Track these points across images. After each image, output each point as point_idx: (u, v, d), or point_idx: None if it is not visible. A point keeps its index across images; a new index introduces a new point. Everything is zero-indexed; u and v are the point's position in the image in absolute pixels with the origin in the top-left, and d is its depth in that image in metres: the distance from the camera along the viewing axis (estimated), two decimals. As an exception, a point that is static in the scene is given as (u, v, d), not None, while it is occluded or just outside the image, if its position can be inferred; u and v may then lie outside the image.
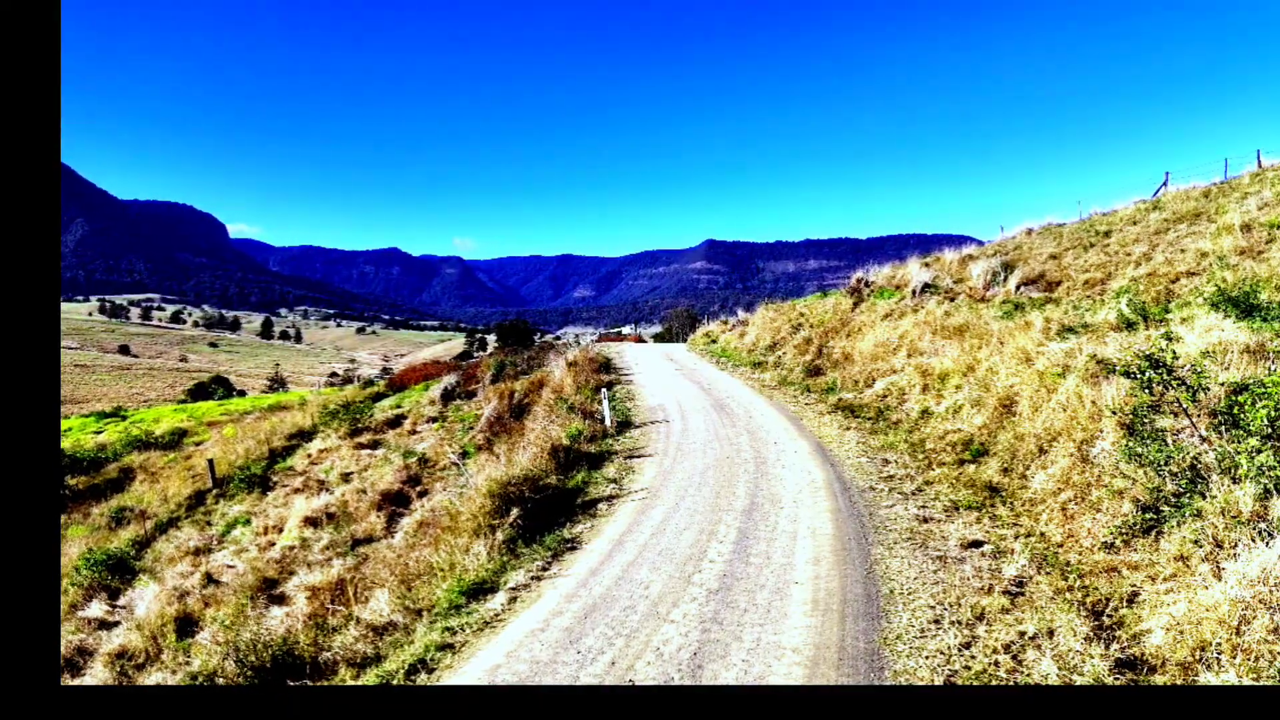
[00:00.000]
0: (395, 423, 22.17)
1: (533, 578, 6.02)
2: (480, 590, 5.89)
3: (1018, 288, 17.68)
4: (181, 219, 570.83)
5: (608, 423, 12.39)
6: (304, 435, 22.28)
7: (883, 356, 15.52)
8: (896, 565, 5.62)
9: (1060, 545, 5.99)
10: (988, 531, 6.44)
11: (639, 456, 10.40)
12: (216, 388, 70.69)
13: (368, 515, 13.45)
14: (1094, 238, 19.80)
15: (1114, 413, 6.94)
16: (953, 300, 18.31)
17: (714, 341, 28.72)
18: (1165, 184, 25.36)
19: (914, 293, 20.07)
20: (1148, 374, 5.48)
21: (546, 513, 7.70)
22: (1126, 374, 5.80)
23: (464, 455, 17.78)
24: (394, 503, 14.29)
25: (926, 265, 22.68)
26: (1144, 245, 17.34)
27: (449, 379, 24.78)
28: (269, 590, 10.59)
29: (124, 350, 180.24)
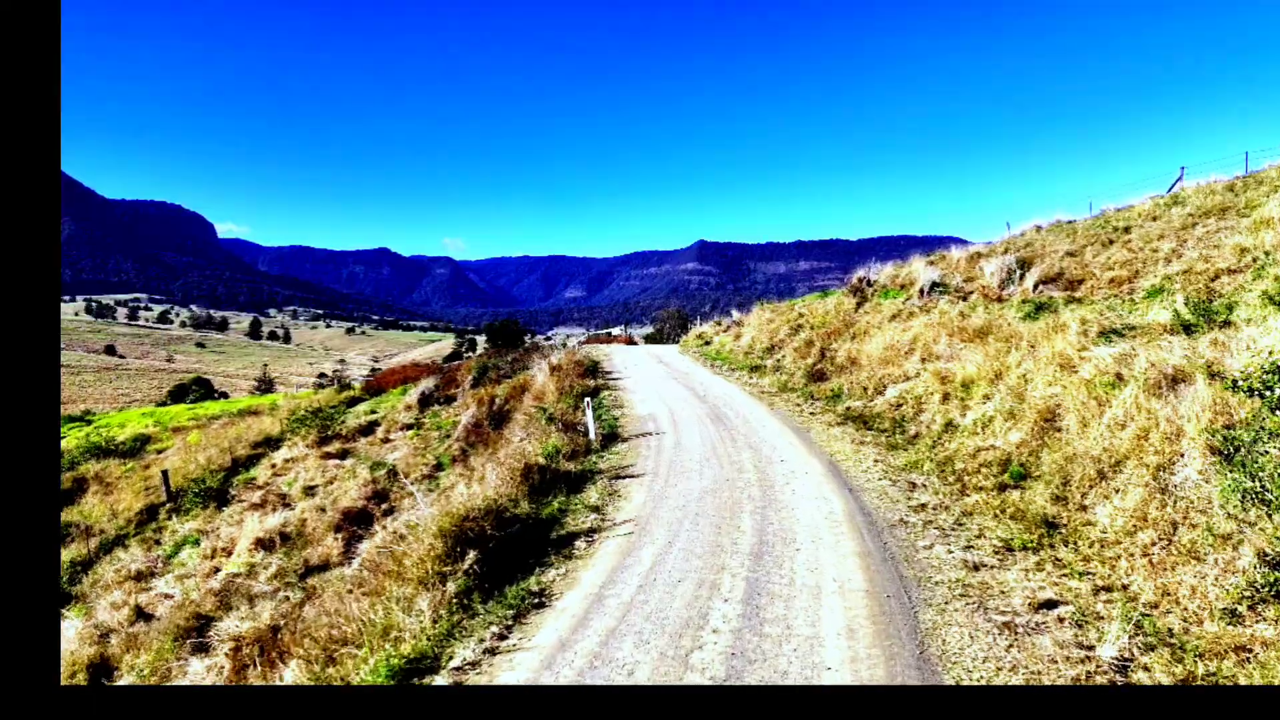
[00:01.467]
0: (368, 430, 20.71)
1: (486, 650, 4.67)
2: (416, 669, 4.53)
3: (1036, 286, 16.50)
4: (169, 219, 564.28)
5: (592, 436, 11.05)
6: (271, 443, 20.77)
7: (893, 361, 14.26)
8: (955, 639, 4.32)
9: (1156, 607, 4.70)
10: (1057, 585, 5.15)
11: (626, 477, 9.06)
12: (197, 389, 68.75)
13: (324, 538, 12.03)
14: (1112, 234, 18.68)
15: (1203, 433, 5.68)
16: (964, 300, 17.13)
17: (707, 343, 27.44)
18: (1180, 179, 24.33)
19: (922, 292, 18.88)
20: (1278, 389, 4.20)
21: (512, 553, 6.34)
22: (1250, 390, 4.53)
23: (438, 467, 16.38)
24: (356, 522, 12.86)
25: (932, 263, 21.53)
26: (1170, 241, 16.17)
27: (427, 383, 23.34)
28: (200, 632, 9.17)
29: (110, 350, 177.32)
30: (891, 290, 21.15)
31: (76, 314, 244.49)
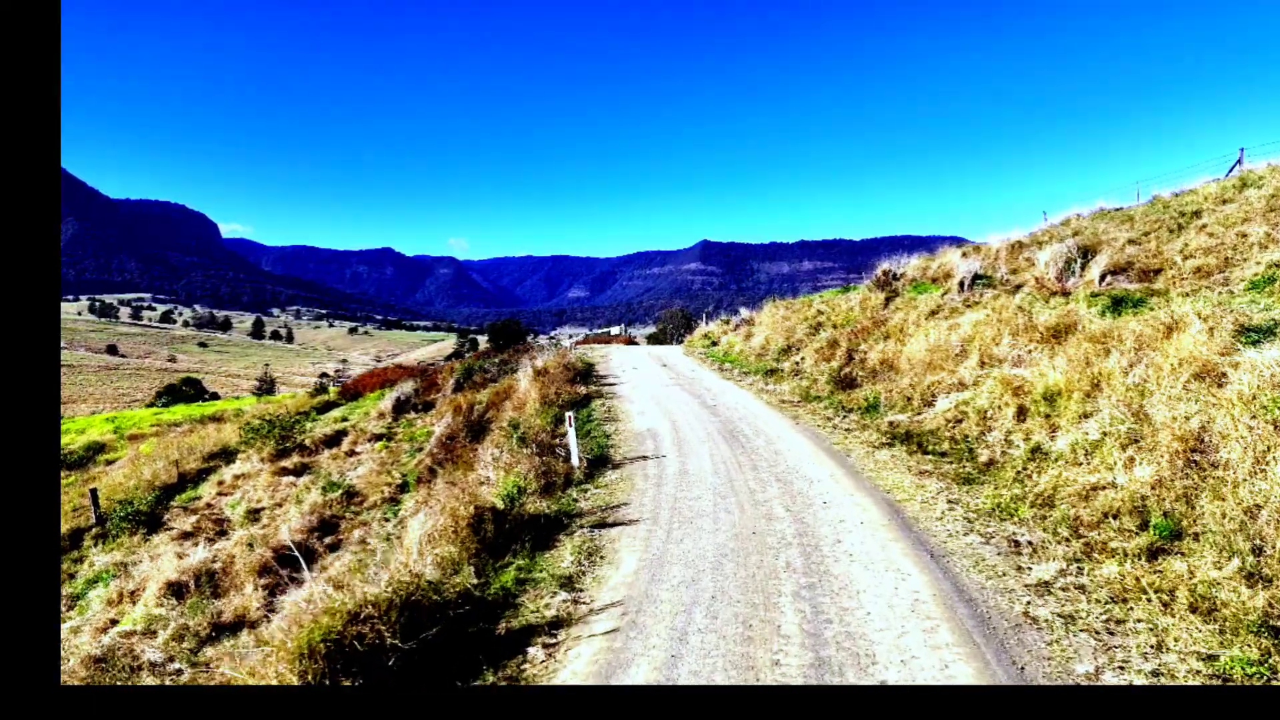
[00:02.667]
0: (334, 440, 18.43)
1: None
2: None
3: (1103, 277, 14.09)
4: (173, 218, 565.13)
5: (574, 461, 8.71)
6: (226, 455, 18.52)
7: (941, 365, 11.88)
8: None
9: None
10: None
11: (615, 524, 6.71)
12: (188, 389, 66.85)
13: (246, 583, 9.73)
14: (1179, 219, 16.29)
15: None
16: (1014, 293, 14.75)
17: (714, 344, 25.10)
18: (1240, 161, 21.86)
19: (962, 285, 16.46)
20: None
21: (426, 670, 4.01)
22: None
23: (403, 488, 14.08)
24: (291, 561, 10.56)
25: (966, 254, 19.15)
26: (1259, 225, 13.71)
27: (405, 387, 21.05)
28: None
29: (112, 350, 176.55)
30: (923, 284, 18.77)
31: (79, 313, 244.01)
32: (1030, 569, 5.23)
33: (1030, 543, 5.85)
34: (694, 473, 8.28)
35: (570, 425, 8.79)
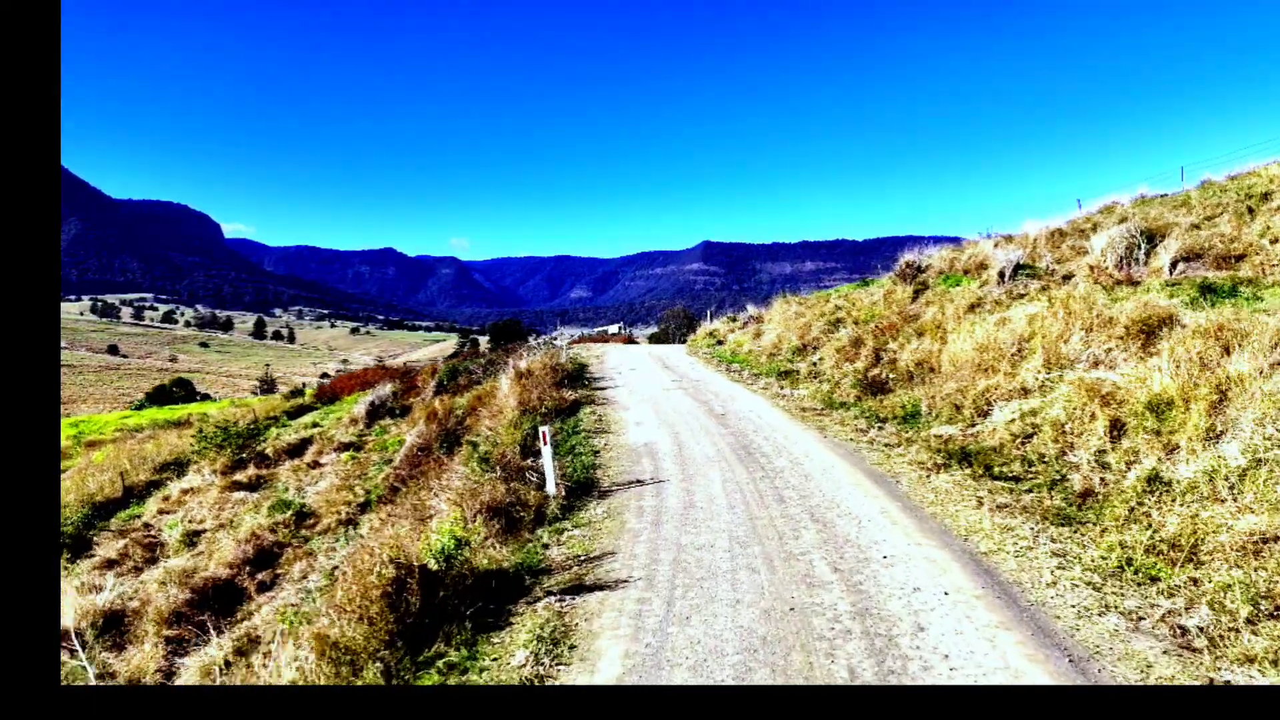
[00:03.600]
0: (299, 450, 16.60)
1: None
2: None
3: (1173, 265, 12.17)
4: (176, 218, 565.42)
5: (550, 488, 6.83)
6: (180, 466, 16.70)
7: (994, 366, 9.98)
8: None
9: None
10: None
11: (595, 588, 4.84)
12: (178, 390, 65.33)
13: (148, 636, 7.88)
14: (1248, 202, 14.42)
15: None
16: (1064, 283, 12.89)
17: (720, 343, 23.21)
18: (1300, 142, 19.90)
19: (1002, 276, 14.57)
20: None
21: None
22: None
23: (365, 507, 12.22)
24: (211, 603, 8.72)
25: (1001, 244, 17.25)
26: (1356, 205, 11.80)
27: (382, 390, 19.20)
28: None
29: (113, 350, 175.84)
30: (953, 276, 16.86)
31: (81, 313, 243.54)
32: (1227, 684, 3.34)
33: (1202, 629, 3.96)
34: (702, 506, 6.40)
35: (546, 443, 6.91)
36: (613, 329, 33.94)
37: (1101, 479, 6.57)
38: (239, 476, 14.55)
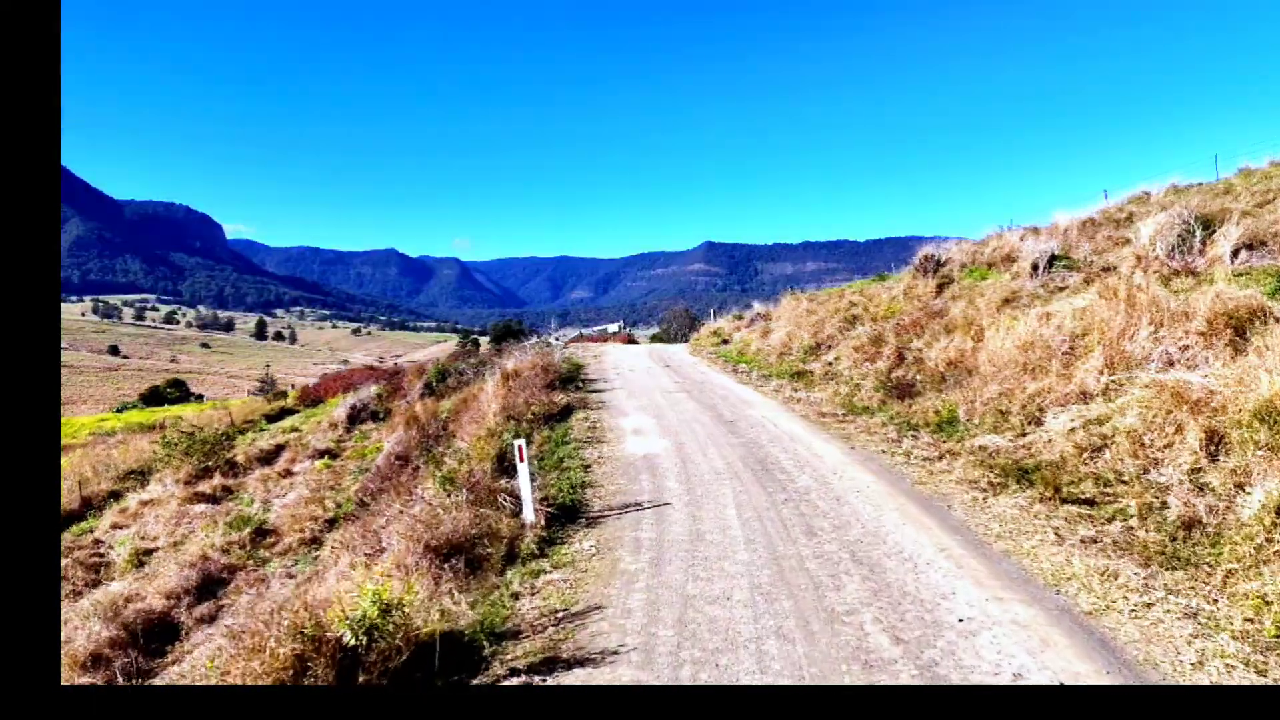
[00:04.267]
0: (271, 457, 15.39)
1: None
2: None
3: (1235, 253, 10.91)
4: (178, 219, 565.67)
5: (526, 516, 5.60)
6: (145, 474, 15.52)
7: (1043, 367, 8.74)
8: None
9: None
10: None
11: (572, 664, 3.59)
12: (172, 391, 64.37)
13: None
14: (1305, 187, 13.20)
15: None
16: (1106, 274, 11.67)
17: (725, 341, 21.98)
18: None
19: (1035, 269, 13.33)
20: None
21: None
22: None
23: (332, 523, 11.01)
24: (146, 640, 7.50)
25: (1029, 235, 16.01)
26: None
27: (364, 393, 17.99)
28: None
29: (114, 351, 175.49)
30: (976, 269, 15.63)
31: (83, 314, 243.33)
32: None
33: None
34: (714, 538, 5.16)
35: (522, 460, 5.68)
36: (612, 328, 32.67)
37: (1207, 506, 5.31)
38: (203, 487, 13.35)
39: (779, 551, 4.84)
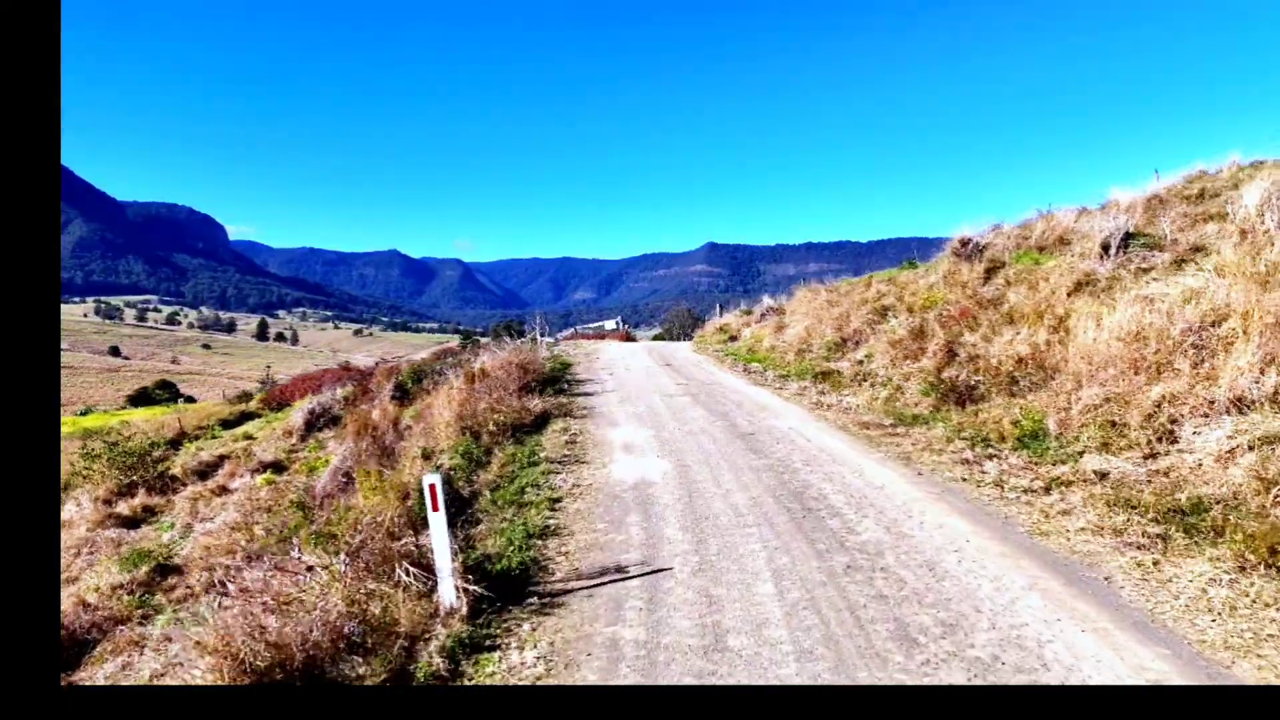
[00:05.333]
0: (212, 470, 13.35)
1: None
2: None
3: (1381, 224, 8.78)
4: (180, 220, 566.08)
5: (444, 597, 3.49)
6: (64, 490, 13.46)
7: (1164, 365, 6.64)
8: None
9: None
10: None
11: None
12: (161, 393, 62.71)
13: None
14: None
15: None
16: (1196, 254, 9.62)
17: (733, 338, 19.87)
18: None
19: (1106, 250, 11.18)
20: None
21: None
22: None
23: (255, 557, 8.86)
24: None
25: (1086, 214, 13.88)
26: None
27: (325, 395, 15.93)
28: None
29: (114, 352, 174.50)
30: (1027, 253, 13.49)
31: (85, 315, 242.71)
32: None
33: None
34: (743, 651, 3.07)
35: (436, 509, 3.57)
36: (609, 324, 30.42)
37: None
38: (122, 507, 11.32)
39: (865, 683, 2.74)
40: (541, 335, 14.45)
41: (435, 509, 3.59)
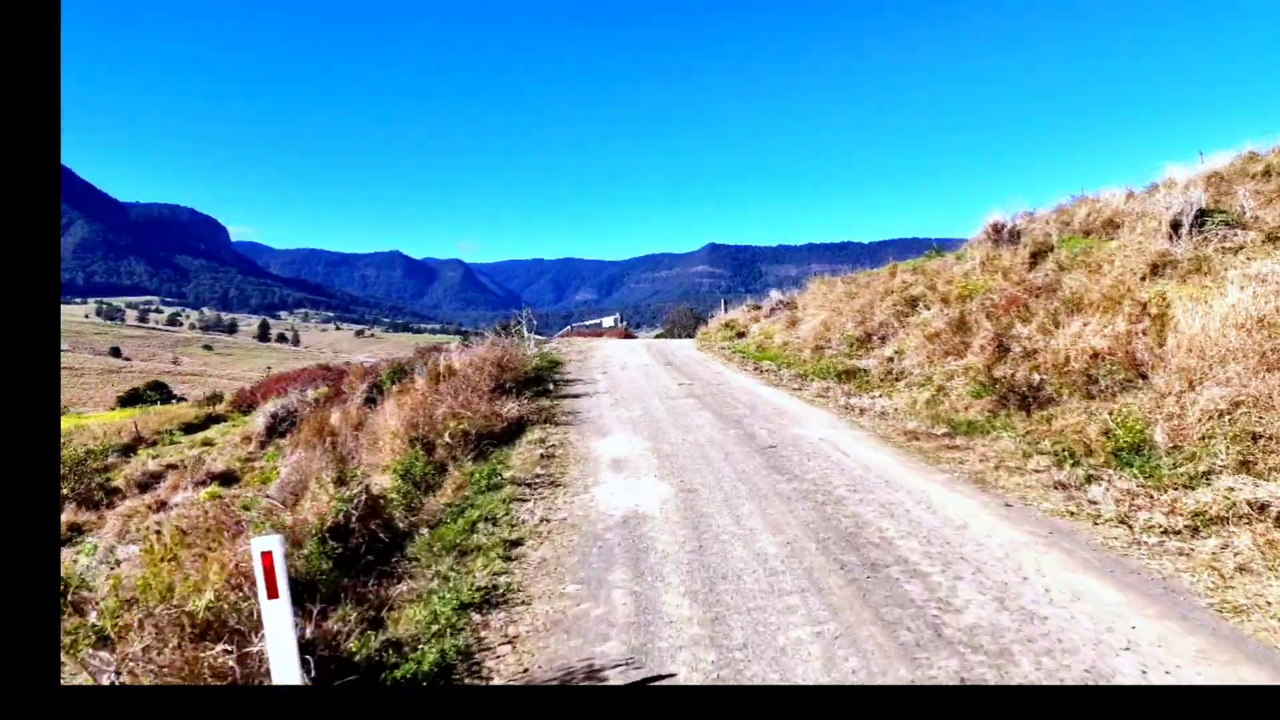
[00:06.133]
0: (156, 481, 11.88)
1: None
2: None
3: None
4: (183, 222, 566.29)
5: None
6: None
7: (1312, 358, 5.06)
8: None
9: None
10: None
11: None
12: (153, 394, 61.57)
13: None
14: None
15: None
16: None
17: (740, 335, 18.36)
18: None
19: (1176, 229, 9.66)
20: None
21: None
22: None
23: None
24: None
25: (1137, 195, 12.39)
26: None
27: (293, 397, 14.46)
28: None
29: (115, 353, 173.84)
30: (1071, 238, 11.98)
31: (87, 316, 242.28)
32: None
33: None
34: None
35: (276, 595, 2.07)
36: (607, 321, 28.64)
37: None
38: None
39: None
40: (529, 330, 12.95)
41: (273, 594, 2.10)
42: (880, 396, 8.85)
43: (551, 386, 9.59)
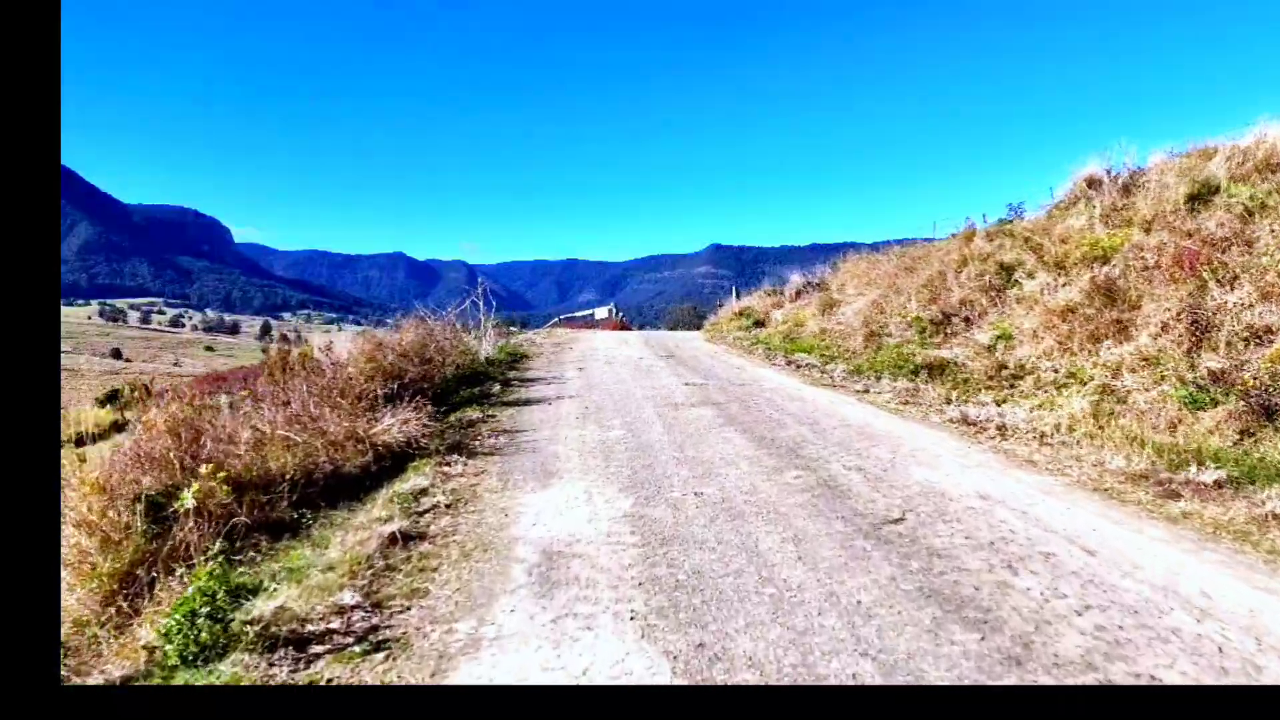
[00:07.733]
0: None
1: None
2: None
3: None
4: (186, 223, 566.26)
5: None
6: None
7: None
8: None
9: None
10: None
11: None
12: (135, 394, 58.61)
13: None
14: None
15: None
16: None
17: (759, 324, 15.15)
18: None
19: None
20: None
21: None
22: None
23: None
24: None
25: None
26: None
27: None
28: None
29: (116, 354, 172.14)
30: (1234, 183, 8.71)
31: (89, 317, 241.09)
32: None
33: None
34: None
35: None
36: (601, 312, 24.81)
37: None
38: None
39: None
40: (487, 310, 9.71)
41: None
42: (1001, 403, 5.67)
43: (497, 388, 6.43)
